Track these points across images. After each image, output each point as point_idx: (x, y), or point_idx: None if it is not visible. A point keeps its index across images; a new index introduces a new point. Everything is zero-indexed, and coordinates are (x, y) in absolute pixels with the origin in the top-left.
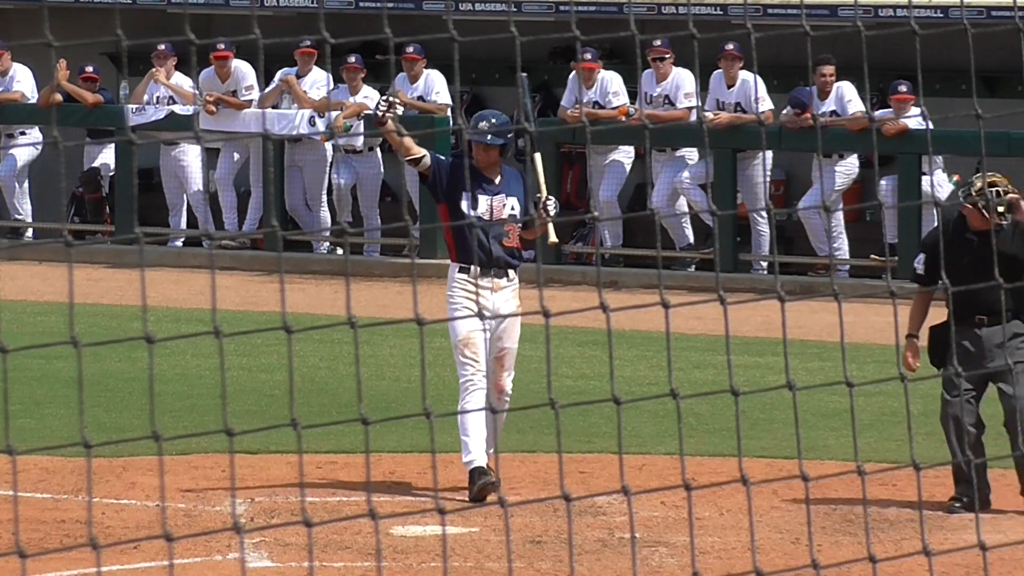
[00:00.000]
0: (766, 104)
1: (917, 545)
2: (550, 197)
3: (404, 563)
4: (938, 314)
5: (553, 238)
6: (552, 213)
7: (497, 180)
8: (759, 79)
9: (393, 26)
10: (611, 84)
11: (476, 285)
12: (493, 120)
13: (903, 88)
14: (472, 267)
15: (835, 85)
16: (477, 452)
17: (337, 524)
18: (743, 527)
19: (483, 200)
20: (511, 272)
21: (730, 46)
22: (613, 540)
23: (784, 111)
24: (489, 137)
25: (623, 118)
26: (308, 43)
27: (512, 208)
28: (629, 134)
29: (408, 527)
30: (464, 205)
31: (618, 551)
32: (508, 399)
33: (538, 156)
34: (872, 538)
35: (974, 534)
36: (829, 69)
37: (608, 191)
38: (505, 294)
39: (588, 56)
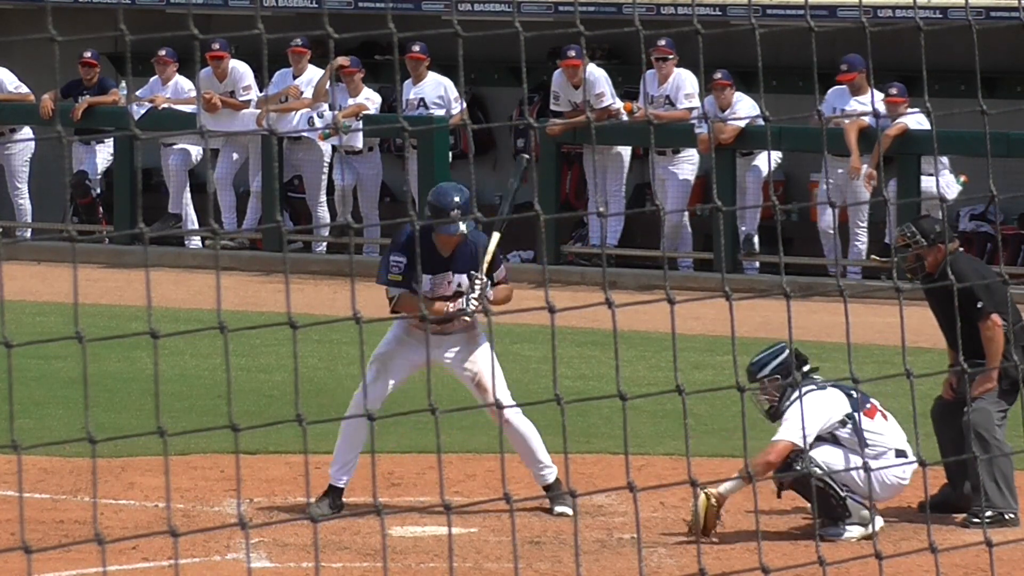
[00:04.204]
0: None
1: (916, 545)
2: (480, 278)
3: (403, 563)
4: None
5: (470, 308)
6: (476, 293)
7: (447, 256)
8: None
9: (393, 26)
10: (596, 84)
11: (419, 328)
12: (457, 199)
13: (894, 91)
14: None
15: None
16: (339, 471)
17: (335, 524)
18: (742, 527)
19: (426, 279)
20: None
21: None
22: (612, 541)
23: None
24: (461, 227)
25: (625, 116)
26: (299, 42)
27: (458, 285)
28: (630, 134)
29: (407, 527)
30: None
31: (616, 551)
32: (513, 415)
33: (495, 236)
34: (874, 537)
35: (972, 534)
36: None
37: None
38: (454, 338)
39: (572, 53)
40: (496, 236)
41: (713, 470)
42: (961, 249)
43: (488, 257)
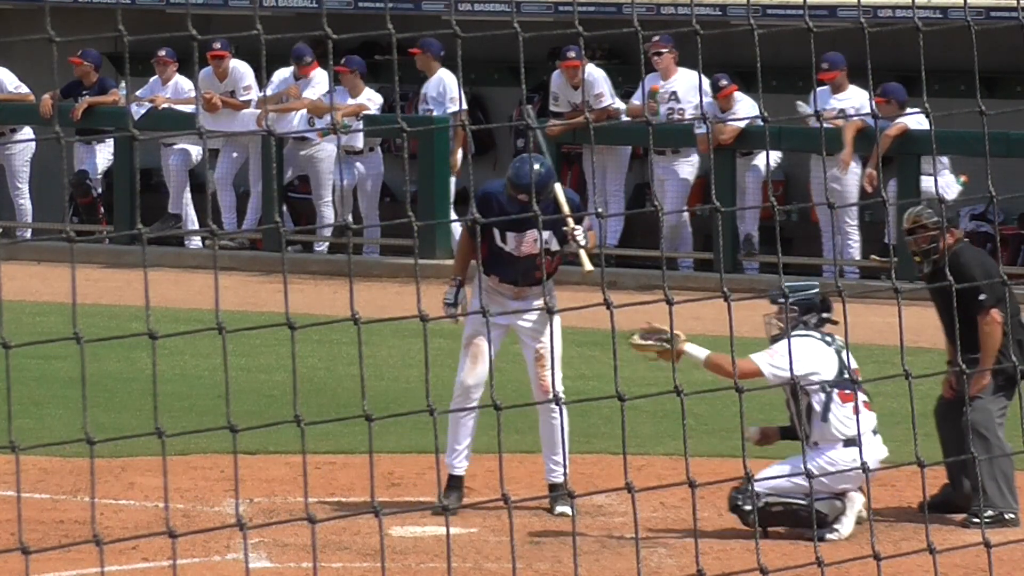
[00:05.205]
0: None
1: (916, 545)
2: (577, 228)
3: (403, 563)
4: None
5: (588, 267)
6: (583, 244)
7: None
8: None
9: (392, 26)
10: (595, 85)
11: (498, 291)
12: (537, 167)
13: (880, 91)
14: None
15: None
16: (456, 459)
17: (336, 524)
18: (742, 527)
19: (511, 237)
20: (536, 286)
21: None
22: (612, 541)
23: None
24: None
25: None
26: (308, 60)
27: (545, 242)
28: (629, 134)
29: (407, 527)
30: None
31: (616, 551)
32: (559, 407)
33: (558, 186)
34: (872, 537)
35: (972, 534)
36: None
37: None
38: (530, 301)
39: (571, 54)
40: (558, 186)
41: (713, 470)
42: (967, 240)
43: (563, 204)
